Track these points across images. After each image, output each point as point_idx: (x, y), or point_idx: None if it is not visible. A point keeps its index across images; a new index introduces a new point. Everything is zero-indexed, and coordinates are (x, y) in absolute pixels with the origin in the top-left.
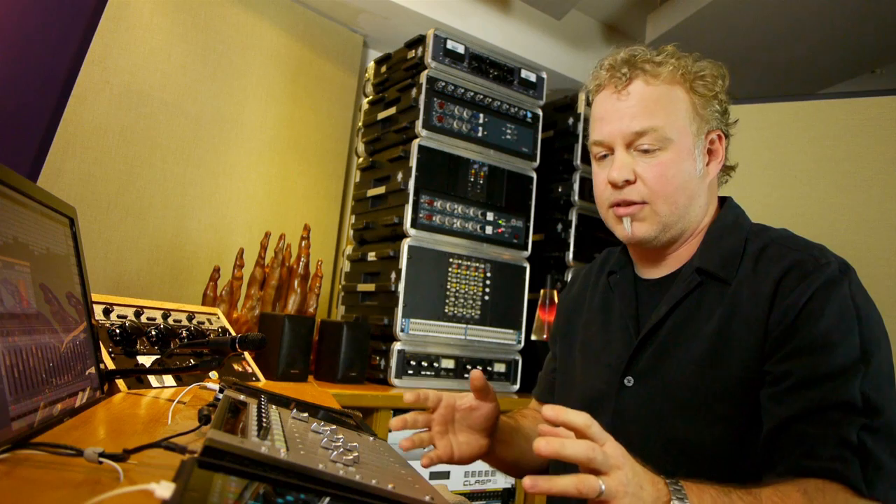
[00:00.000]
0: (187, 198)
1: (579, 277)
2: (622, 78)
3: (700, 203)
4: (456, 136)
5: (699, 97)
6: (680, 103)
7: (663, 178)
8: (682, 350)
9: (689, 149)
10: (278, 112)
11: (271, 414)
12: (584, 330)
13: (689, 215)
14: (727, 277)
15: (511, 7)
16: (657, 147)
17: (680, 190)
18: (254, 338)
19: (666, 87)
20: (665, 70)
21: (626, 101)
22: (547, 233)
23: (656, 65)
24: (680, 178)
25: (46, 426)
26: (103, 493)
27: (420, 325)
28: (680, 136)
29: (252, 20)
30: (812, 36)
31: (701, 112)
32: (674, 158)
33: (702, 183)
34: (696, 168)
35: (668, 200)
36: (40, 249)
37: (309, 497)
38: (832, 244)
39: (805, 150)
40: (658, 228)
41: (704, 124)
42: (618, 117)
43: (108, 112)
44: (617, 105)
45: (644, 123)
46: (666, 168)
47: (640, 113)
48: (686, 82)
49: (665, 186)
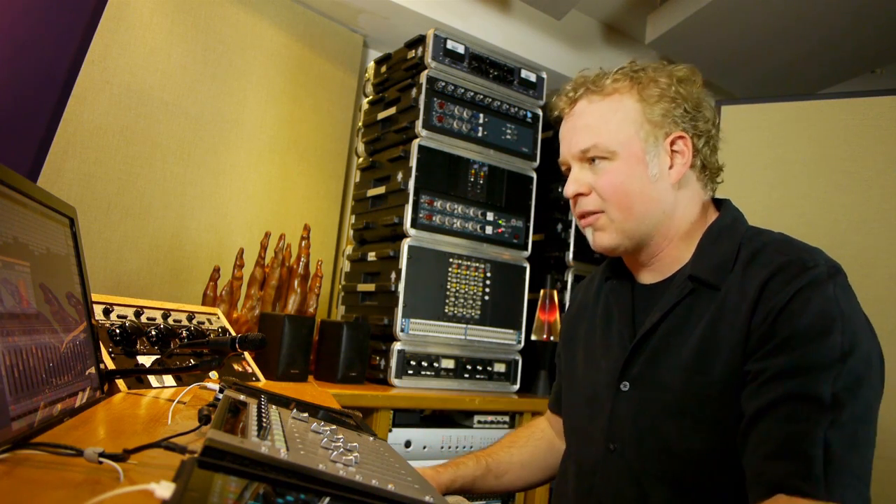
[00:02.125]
0: (187, 198)
1: (582, 288)
2: (569, 101)
3: (664, 207)
4: (456, 136)
5: (649, 103)
6: (626, 113)
7: (612, 186)
8: (672, 356)
9: (638, 155)
10: (278, 112)
11: (271, 414)
12: (587, 336)
13: (650, 220)
14: (717, 283)
15: (511, 7)
16: (604, 158)
17: (633, 196)
18: (254, 338)
19: (609, 100)
20: (607, 84)
21: (572, 121)
22: (547, 233)
23: (601, 78)
24: (631, 185)
25: (46, 426)
26: (103, 493)
27: (420, 325)
28: (625, 146)
29: (252, 20)
30: (812, 36)
31: (652, 118)
32: (621, 167)
33: (661, 186)
34: (650, 173)
35: (620, 207)
36: (40, 249)
37: (309, 497)
38: (832, 244)
39: (805, 150)
40: (619, 236)
41: (658, 129)
42: (567, 138)
43: (108, 112)
44: (566, 126)
45: (586, 141)
46: (614, 176)
47: (581, 131)
48: (634, 91)
49: (615, 194)
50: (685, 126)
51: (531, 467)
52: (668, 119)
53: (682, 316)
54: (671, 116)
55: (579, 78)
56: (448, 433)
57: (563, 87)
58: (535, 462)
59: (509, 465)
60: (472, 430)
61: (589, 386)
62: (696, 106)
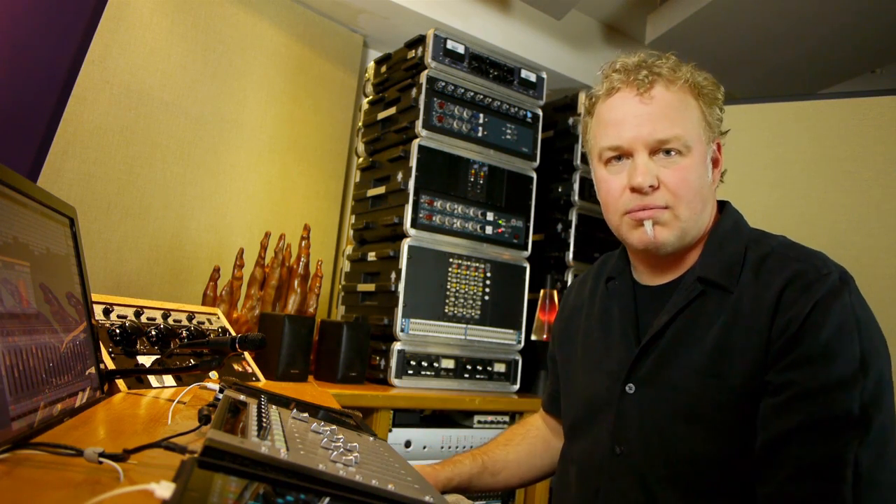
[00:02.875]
0: (187, 198)
1: (574, 288)
2: (644, 80)
3: (709, 210)
4: (456, 136)
5: (707, 106)
6: (694, 111)
7: (685, 182)
8: (683, 358)
9: (703, 156)
10: (278, 112)
11: (271, 414)
12: (585, 337)
13: (702, 221)
14: (728, 286)
15: (511, 7)
16: (679, 153)
17: (698, 196)
18: (254, 338)
19: (682, 94)
20: (681, 77)
21: (650, 105)
22: (547, 233)
23: (672, 71)
24: (698, 184)
25: (46, 426)
26: (103, 493)
27: (420, 325)
28: (696, 144)
29: (252, 20)
30: (812, 36)
31: (709, 120)
32: (692, 164)
33: (711, 190)
34: (708, 175)
35: (689, 206)
36: (40, 249)
37: (309, 497)
38: (832, 244)
39: (805, 150)
40: (678, 234)
41: (711, 133)
42: (639, 122)
43: (108, 112)
44: (639, 108)
45: (669, 131)
46: (688, 173)
47: (664, 118)
48: (696, 90)
49: (687, 191)
50: (719, 133)
51: (527, 465)
52: (716, 125)
53: (691, 318)
54: (716, 123)
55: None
56: (448, 433)
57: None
58: (531, 460)
59: (505, 463)
60: (472, 430)
61: (589, 387)
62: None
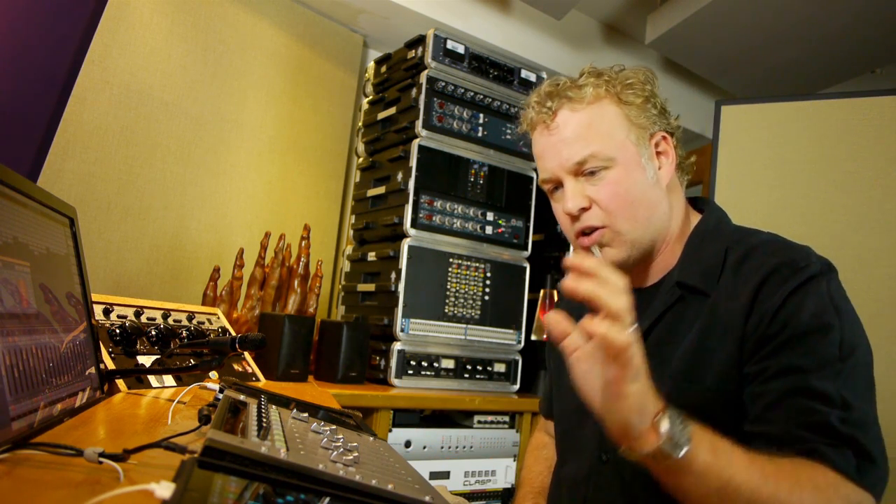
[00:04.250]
0: (187, 198)
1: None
2: (548, 112)
3: (662, 210)
4: (456, 136)
5: (630, 106)
6: (612, 118)
7: (617, 196)
8: (661, 365)
9: (635, 160)
10: (278, 112)
11: (271, 414)
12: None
13: (654, 224)
14: (707, 289)
15: (511, 7)
16: (602, 167)
17: (637, 203)
18: (254, 338)
19: (592, 107)
20: (587, 91)
21: (557, 133)
22: (547, 233)
23: (578, 88)
24: (634, 192)
25: (46, 426)
26: (103, 493)
27: (420, 325)
28: (621, 151)
29: (252, 20)
30: (812, 36)
31: (636, 120)
32: (622, 174)
33: (658, 189)
34: (647, 176)
35: (626, 217)
36: (40, 249)
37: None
38: (832, 244)
39: (805, 150)
40: (627, 249)
41: (643, 130)
42: (555, 152)
43: (108, 112)
44: (550, 140)
45: (582, 151)
46: (617, 186)
47: (573, 142)
48: (612, 95)
49: (621, 204)
50: (662, 125)
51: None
52: (649, 120)
53: (671, 323)
54: (651, 117)
55: (548, 89)
56: (448, 433)
57: (530, 101)
58: None
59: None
60: (472, 430)
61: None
62: (664, 104)
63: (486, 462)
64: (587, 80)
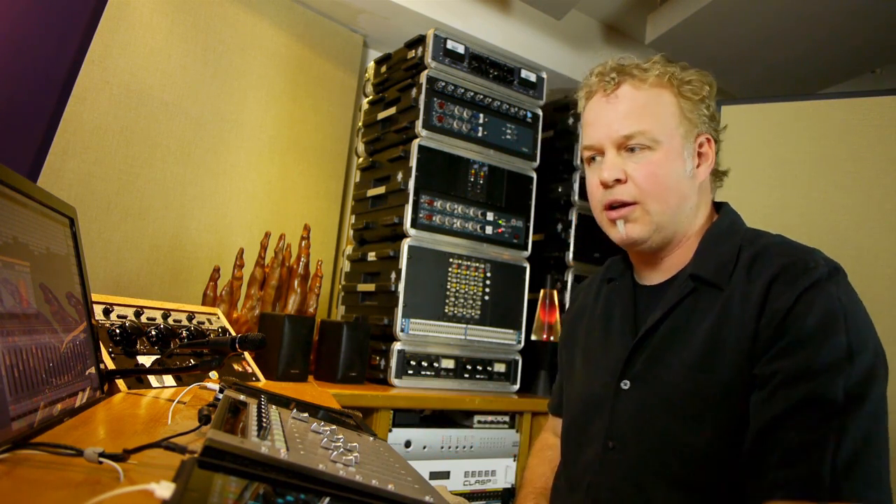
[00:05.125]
0: (187, 198)
1: (582, 290)
2: (611, 83)
3: (690, 204)
4: (456, 136)
5: (686, 101)
6: (667, 106)
7: (653, 176)
8: (674, 355)
9: (678, 150)
10: (278, 112)
11: (271, 414)
12: (587, 336)
13: (681, 216)
14: (720, 283)
15: (511, 7)
16: (646, 147)
17: (670, 189)
18: (254, 338)
19: (654, 90)
20: (652, 74)
21: (616, 104)
22: (547, 233)
23: (643, 70)
24: (669, 178)
25: (46, 426)
26: (103, 493)
27: (420, 325)
28: (668, 138)
29: (252, 20)
30: (812, 36)
31: (689, 115)
32: (662, 159)
33: (692, 184)
34: (685, 169)
35: (658, 199)
36: (40, 249)
37: (309, 497)
38: (832, 244)
39: (805, 150)
40: (651, 228)
41: (693, 127)
42: (607, 121)
43: (108, 112)
44: (606, 109)
45: (632, 126)
46: (656, 167)
47: (628, 116)
48: (673, 87)
49: (655, 185)
50: (709, 128)
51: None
52: (700, 119)
53: (684, 315)
54: (701, 117)
55: (613, 64)
56: (448, 433)
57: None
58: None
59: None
60: (472, 430)
61: (587, 385)
62: (715, 111)
63: (486, 462)
64: (654, 66)
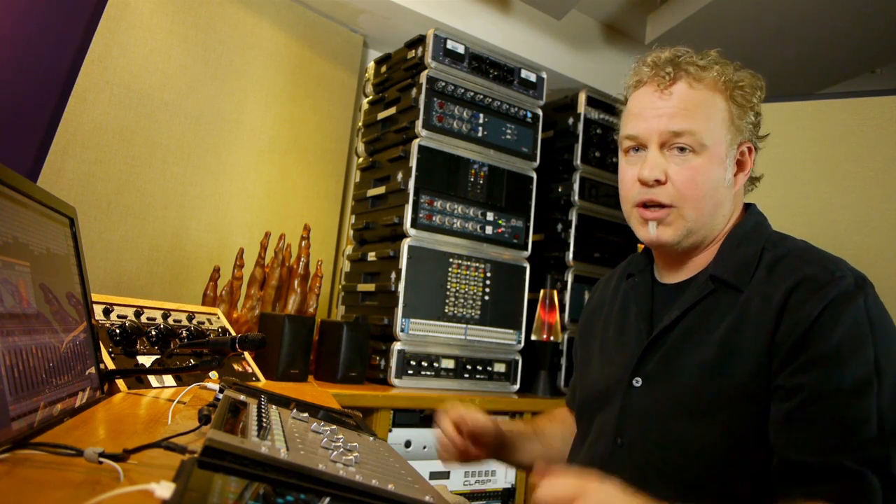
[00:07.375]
0: (187, 198)
1: (601, 285)
2: (666, 77)
3: (724, 212)
4: (456, 136)
5: (737, 107)
6: (718, 111)
7: (693, 182)
8: (689, 355)
9: (721, 157)
10: (278, 112)
11: (271, 414)
12: (603, 331)
13: (713, 222)
14: (740, 285)
15: (511, 7)
16: (691, 150)
17: (707, 196)
18: (254, 338)
19: (708, 92)
20: (709, 75)
21: (668, 100)
22: (547, 233)
23: (701, 69)
24: (709, 185)
25: (46, 426)
26: (103, 493)
27: (420, 325)
28: (714, 143)
29: (252, 20)
30: (812, 36)
31: (737, 122)
32: (705, 164)
33: (728, 192)
34: (726, 177)
35: (695, 205)
36: (40, 249)
37: (309, 497)
38: (832, 244)
39: (805, 150)
40: (682, 233)
41: (738, 135)
42: (656, 115)
43: (108, 112)
44: (657, 103)
45: (683, 125)
46: (697, 172)
47: (680, 114)
48: (727, 90)
49: (694, 191)
50: (751, 136)
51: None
52: (746, 127)
53: (701, 315)
54: (747, 125)
55: (668, 55)
56: None
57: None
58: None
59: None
60: None
61: (601, 380)
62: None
63: (486, 462)
64: (712, 65)
